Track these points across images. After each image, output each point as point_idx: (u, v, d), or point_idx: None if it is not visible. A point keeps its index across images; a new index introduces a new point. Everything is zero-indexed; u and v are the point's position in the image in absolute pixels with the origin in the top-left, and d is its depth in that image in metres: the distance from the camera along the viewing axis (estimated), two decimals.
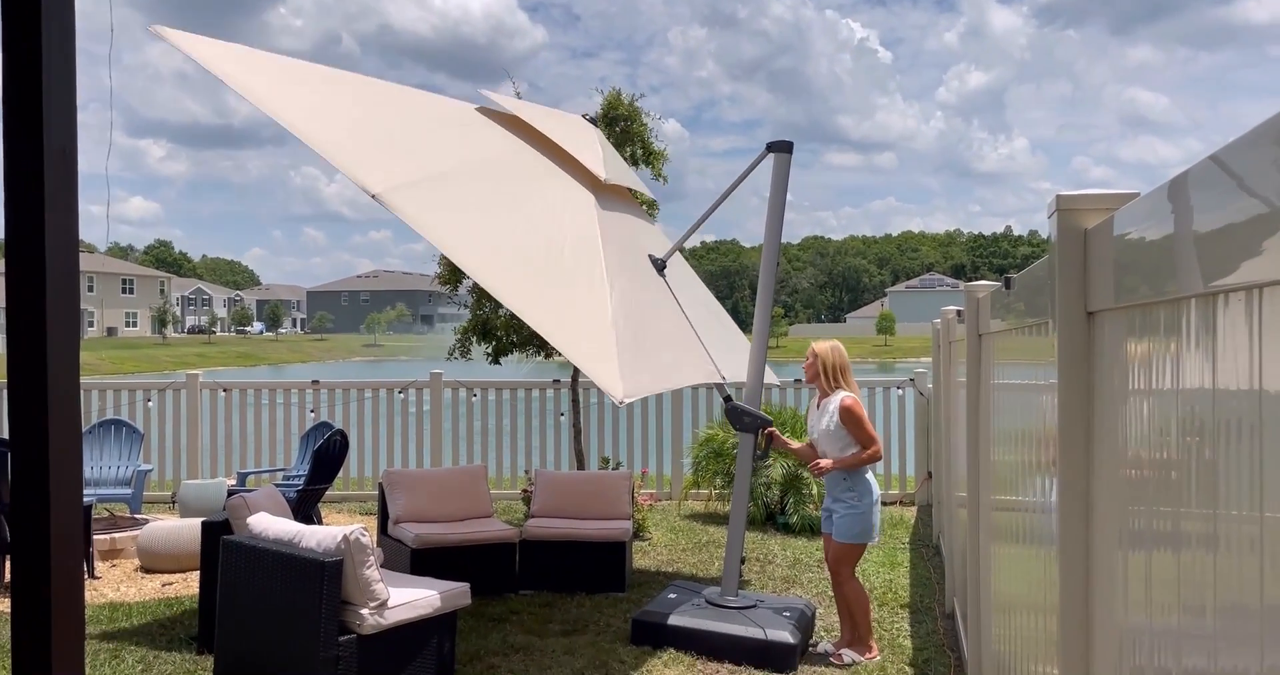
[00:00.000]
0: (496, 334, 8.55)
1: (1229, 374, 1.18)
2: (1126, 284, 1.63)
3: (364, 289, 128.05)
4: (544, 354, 8.69)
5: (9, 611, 2.51)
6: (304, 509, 7.30)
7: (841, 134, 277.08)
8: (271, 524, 4.82)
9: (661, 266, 6.03)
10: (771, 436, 5.58)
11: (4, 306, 2.26)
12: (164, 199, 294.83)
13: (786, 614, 5.38)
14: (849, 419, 5.12)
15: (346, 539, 4.47)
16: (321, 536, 4.56)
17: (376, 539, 6.80)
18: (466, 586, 5.03)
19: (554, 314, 4.78)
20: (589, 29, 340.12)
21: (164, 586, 6.73)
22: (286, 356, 73.64)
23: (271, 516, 4.93)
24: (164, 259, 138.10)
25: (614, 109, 8.56)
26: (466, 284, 8.49)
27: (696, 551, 7.82)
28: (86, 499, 7.17)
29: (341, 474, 8.71)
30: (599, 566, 6.57)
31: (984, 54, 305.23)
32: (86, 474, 8.44)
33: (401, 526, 6.51)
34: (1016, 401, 2.98)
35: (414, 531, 6.35)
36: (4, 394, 10.24)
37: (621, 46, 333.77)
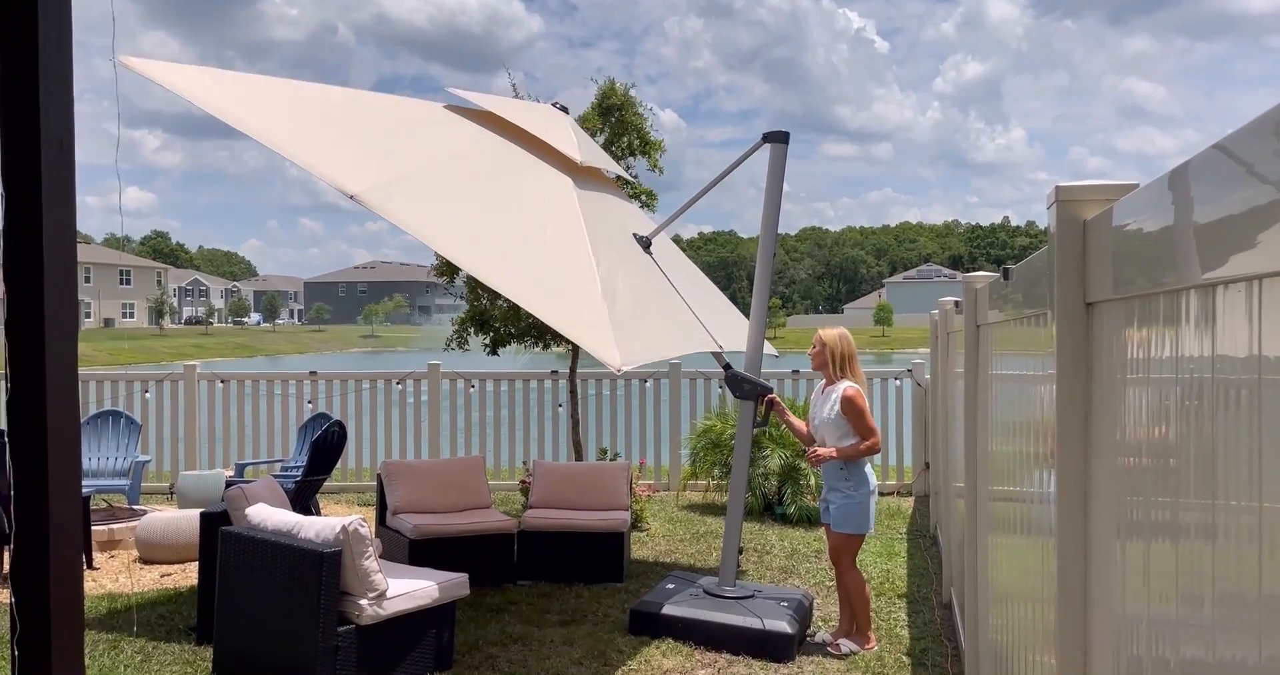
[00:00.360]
0: (494, 325, 8.54)
1: (1228, 365, 1.18)
2: (1125, 275, 1.63)
3: (361, 280, 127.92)
4: (542, 345, 8.69)
5: (8, 602, 2.52)
6: (302, 500, 7.31)
7: (838, 124, 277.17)
8: (270, 515, 4.82)
9: (647, 244, 6.05)
10: (772, 403, 5.60)
11: (2, 297, 2.25)
12: (160, 190, 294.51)
13: (784, 604, 5.40)
14: (850, 409, 5.12)
15: (345, 530, 4.48)
16: (320, 527, 4.56)
17: (375, 530, 6.81)
18: (465, 577, 5.04)
19: (544, 293, 4.84)
20: (586, 19, 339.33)
21: (162, 577, 6.74)
22: (284, 347, 73.62)
23: (270, 507, 4.93)
24: (161, 250, 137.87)
25: (609, 99, 8.55)
26: (463, 275, 8.47)
27: (694, 542, 7.84)
28: (85, 490, 7.17)
29: (339, 465, 8.71)
30: (597, 557, 6.58)
31: (981, 44, 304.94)
32: (85, 465, 8.43)
33: (400, 517, 6.51)
34: (1014, 392, 2.98)
35: (412, 522, 6.36)
36: (2, 385, 10.18)
37: (618, 36, 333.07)
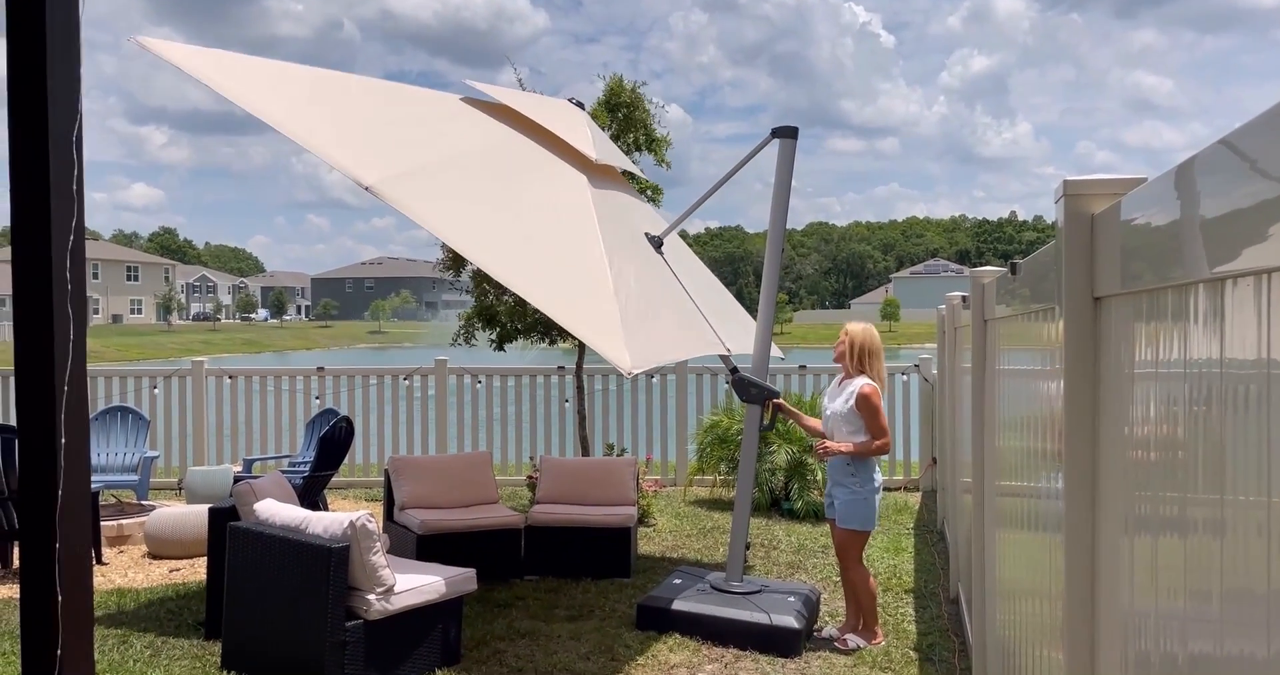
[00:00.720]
0: (500, 320, 8.55)
1: (1237, 360, 1.18)
2: (1133, 269, 1.63)
3: (368, 276, 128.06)
4: (548, 340, 8.69)
5: (18, 597, 2.53)
6: (310, 495, 7.33)
7: (844, 119, 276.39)
8: (278, 510, 4.84)
9: (659, 244, 6.05)
10: (778, 408, 5.59)
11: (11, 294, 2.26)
12: (166, 186, 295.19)
13: (791, 599, 5.40)
14: (865, 406, 5.11)
15: (353, 525, 4.49)
16: (328, 523, 4.58)
17: (382, 525, 6.82)
18: (472, 572, 5.06)
19: (555, 292, 4.83)
20: (591, 14, 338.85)
21: (171, 572, 6.76)
22: (291, 343, 73.74)
23: (278, 503, 4.94)
24: (168, 246, 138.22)
25: (616, 96, 8.53)
26: (469, 270, 8.48)
27: (701, 537, 7.84)
28: (94, 486, 7.19)
29: (347, 460, 8.75)
30: (604, 552, 6.59)
31: (987, 38, 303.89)
32: (94, 461, 8.47)
33: (407, 513, 6.53)
34: (1022, 387, 2.98)
35: (420, 518, 6.37)
36: (12, 382, 10.26)
37: (624, 32, 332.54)
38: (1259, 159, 1.07)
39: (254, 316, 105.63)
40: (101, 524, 7.18)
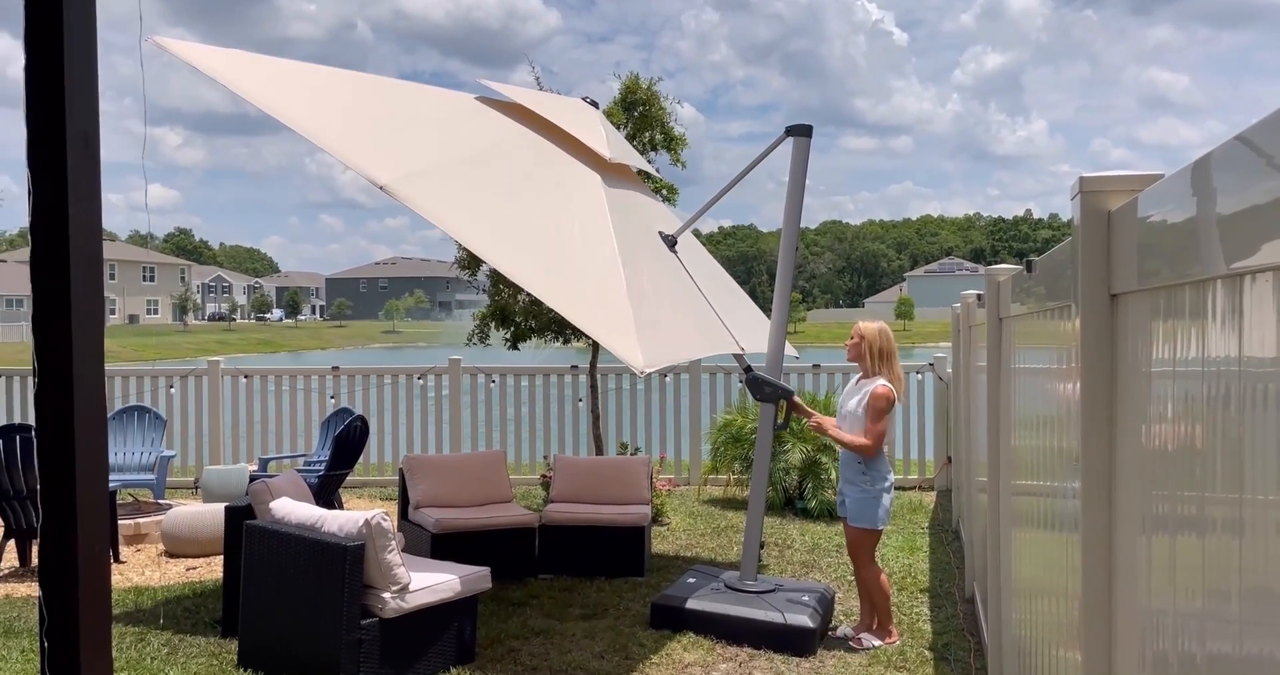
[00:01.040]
0: (515, 320, 8.56)
1: (1255, 357, 1.17)
2: (1150, 266, 1.62)
3: (382, 276, 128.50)
4: (562, 340, 8.70)
5: (38, 595, 2.55)
6: (325, 494, 7.36)
7: (857, 117, 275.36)
8: (294, 509, 4.86)
9: (672, 243, 6.04)
10: (793, 406, 5.59)
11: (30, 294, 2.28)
12: (182, 187, 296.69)
13: (805, 598, 5.39)
14: (871, 407, 5.10)
15: (368, 523, 4.51)
16: (343, 521, 4.59)
17: (397, 524, 6.85)
18: (487, 571, 5.07)
19: (570, 292, 4.83)
20: (604, 13, 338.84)
21: (188, 571, 6.80)
22: (306, 343, 74.05)
23: (293, 501, 4.97)
24: (184, 247, 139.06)
25: (632, 93, 8.53)
26: (485, 269, 8.49)
27: (715, 536, 7.84)
28: (111, 485, 7.25)
29: (362, 459, 8.78)
30: (618, 551, 6.60)
31: (1001, 35, 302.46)
32: (111, 460, 8.53)
33: (422, 511, 6.55)
34: (1038, 386, 2.96)
35: (434, 516, 6.39)
36: (30, 381, 10.33)
37: (636, 31, 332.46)
38: (1277, 154, 1.06)
39: (269, 316, 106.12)
40: (119, 523, 7.23)
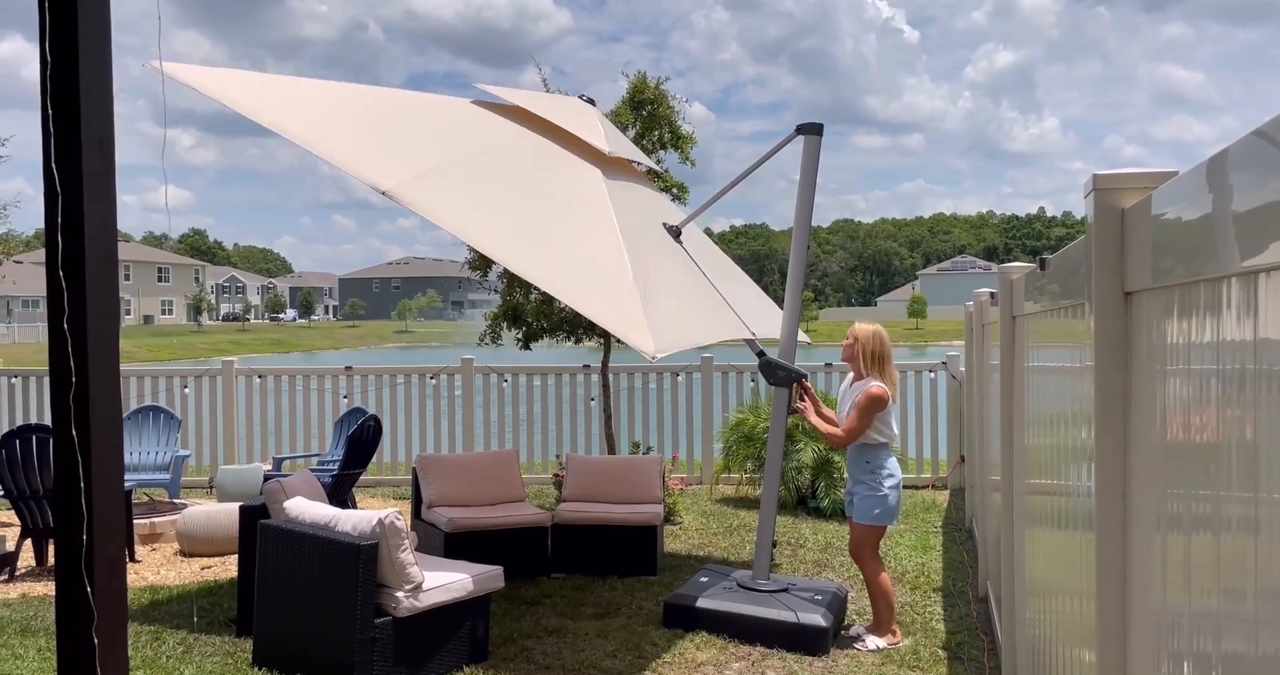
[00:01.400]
0: (526, 319, 8.58)
1: (1271, 354, 1.16)
2: (1165, 264, 1.61)
3: (395, 276, 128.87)
4: (574, 339, 8.71)
5: (54, 594, 2.57)
6: (339, 493, 7.39)
7: (868, 115, 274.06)
8: (308, 508, 4.88)
9: (677, 234, 6.07)
10: (806, 390, 5.60)
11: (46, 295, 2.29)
12: (195, 187, 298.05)
13: (818, 597, 5.38)
14: (861, 403, 5.10)
15: (381, 523, 4.52)
16: (357, 520, 4.61)
17: (410, 523, 6.86)
18: (500, 570, 5.08)
19: (577, 283, 4.89)
20: (614, 12, 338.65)
21: (203, 570, 6.84)
22: (320, 343, 74.32)
23: (307, 501, 4.99)
24: (199, 247, 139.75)
25: (640, 93, 8.54)
26: (496, 270, 8.52)
27: (727, 535, 7.83)
28: (126, 484, 7.29)
29: (375, 459, 8.80)
30: (631, 550, 6.60)
31: (1012, 33, 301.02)
32: (126, 460, 8.58)
33: (435, 511, 6.57)
34: (1051, 384, 2.95)
35: (447, 515, 6.40)
36: (46, 381, 10.40)
37: (647, 30, 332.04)
38: None
39: (282, 316, 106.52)
40: (134, 522, 7.27)
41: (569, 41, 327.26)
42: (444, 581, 4.75)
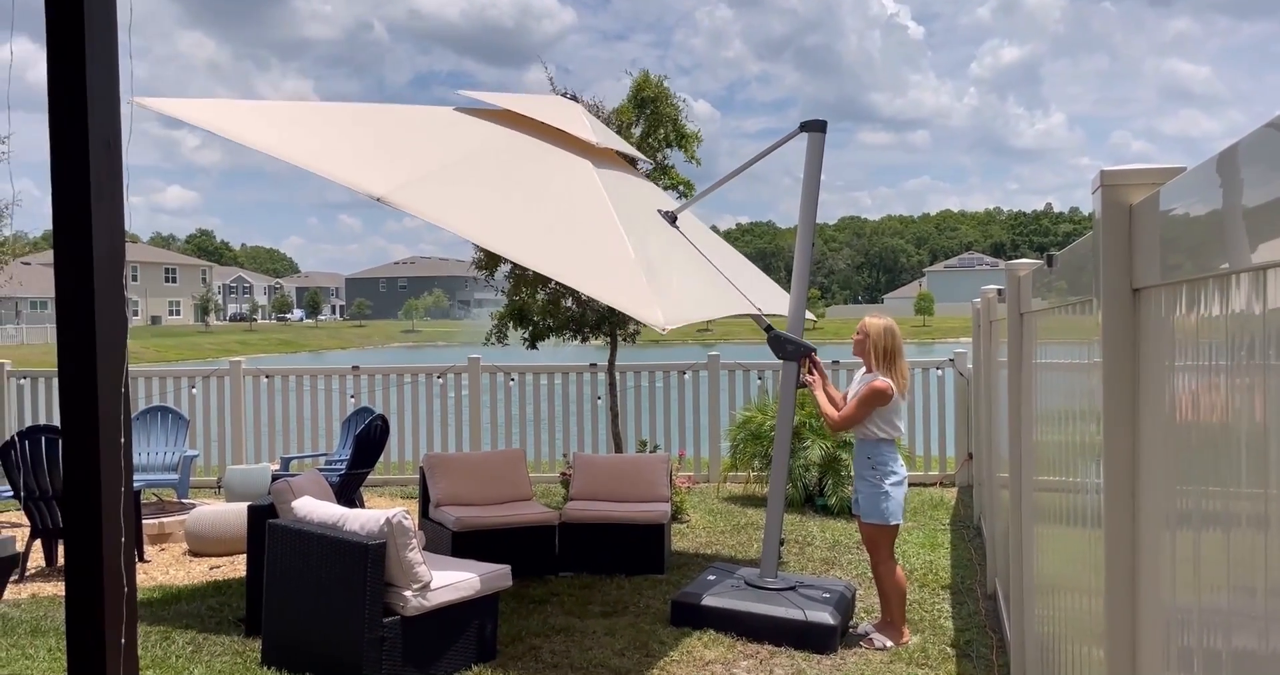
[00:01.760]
0: (533, 318, 8.58)
1: None
2: (1173, 260, 1.60)
3: (401, 275, 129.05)
4: (580, 338, 8.71)
5: (64, 595, 2.58)
6: (346, 493, 7.40)
7: (874, 112, 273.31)
8: (315, 508, 4.89)
9: (673, 219, 6.11)
10: (815, 365, 5.59)
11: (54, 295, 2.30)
12: (201, 188, 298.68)
13: (826, 595, 5.38)
14: (864, 392, 5.12)
15: (389, 522, 4.53)
16: (365, 520, 4.62)
17: (418, 522, 6.87)
18: (507, 568, 5.08)
19: (580, 266, 4.94)
20: (618, 10, 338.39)
21: (211, 570, 6.86)
22: (326, 343, 74.46)
23: (315, 500, 5.00)
24: (205, 248, 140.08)
25: (643, 91, 8.54)
26: (502, 270, 8.53)
27: (735, 533, 7.83)
28: (135, 485, 7.31)
29: (382, 458, 8.82)
30: (638, 549, 6.60)
31: (1017, 28, 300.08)
32: (135, 460, 8.60)
33: (442, 510, 6.58)
34: (1060, 381, 2.95)
35: (455, 514, 6.41)
36: (55, 382, 10.43)
37: (651, 28, 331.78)
38: None
39: (289, 317, 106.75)
40: (143, 522, 7.30)
41: (573, 40, 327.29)
42: (452, 580, 4.76)
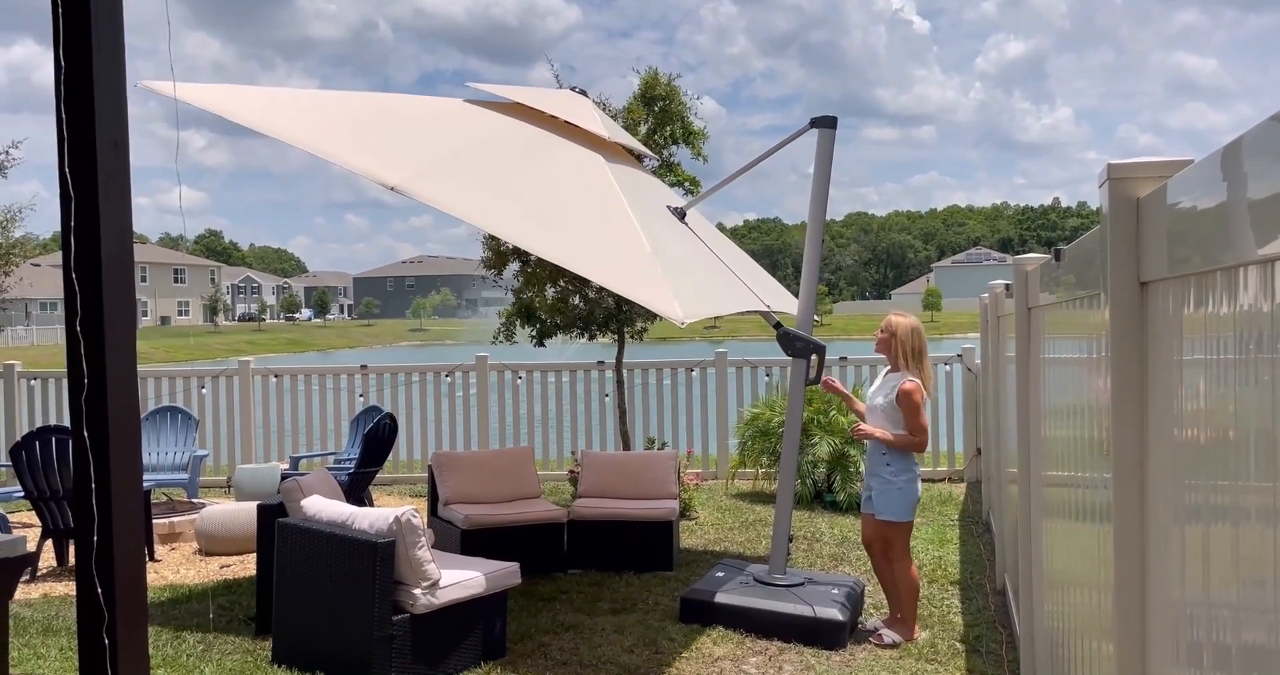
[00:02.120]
0: (540, 317, 8.59)
1: None
2: (1181, 253, 1.60)
3: (409, 274, 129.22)
4: (587, 336, 8.72)
5: (75, 594, 2.59)
6: (355, 492, 7.42)
7: (879, 108, 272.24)
8: (325, 506, 4.90)
9: (681, 215, 6.11)
10: (823, 363, 5.58)
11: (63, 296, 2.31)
12: (208, 188, 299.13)
13: (835, 592, 5.37)
14: (906, 403, 5.06)
15: (398, 520, 4.54)
16: (374, 518, 4.63)
17: (427, 520, 6.89)
18: (516, 566, 5.09)
19: (596, 257, 4.94)
20: (623, 8, 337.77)
21: (222, 569, 6.88)
22: (335, 342, 74.62)
23: (325, 499, 5.01)
24: (214, 248, 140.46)
25: (651, 89, 8.53)
26: (511, 269, 8.54)
27: (743, 530, 7.83)
28: (145, 484, 7.34)
29: (391, 457, 8.84)
30: (647, 546, 6.60)
31: (1023, 22, 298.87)
32: (145, 460, 8.63)
33: (451, 508, 6.59)
34: (1068, 375, 2.94)
35: (463, 513, 6.42)
36: (65, 383, 10.47)
37: (656, 25, 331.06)
38: None
39: (298, 316, 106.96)
40: (154, 522, 7.32)
41: (578, 38, 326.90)
42: (461, 578, 4.77)
